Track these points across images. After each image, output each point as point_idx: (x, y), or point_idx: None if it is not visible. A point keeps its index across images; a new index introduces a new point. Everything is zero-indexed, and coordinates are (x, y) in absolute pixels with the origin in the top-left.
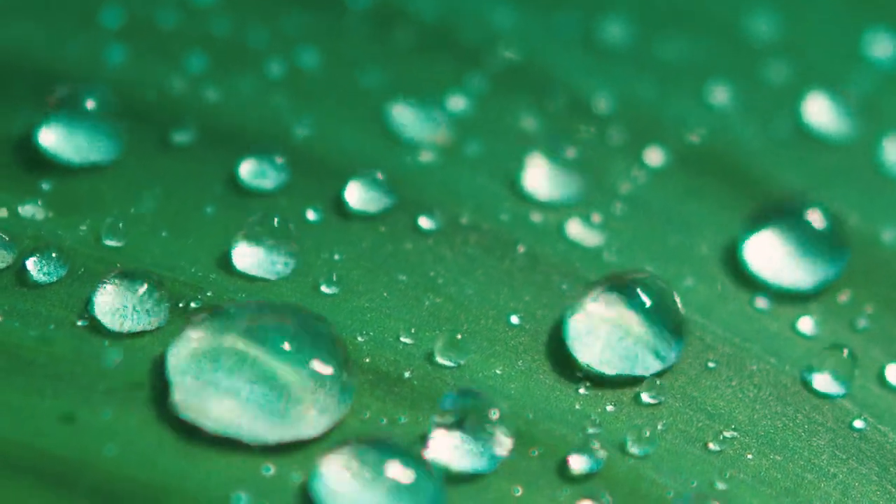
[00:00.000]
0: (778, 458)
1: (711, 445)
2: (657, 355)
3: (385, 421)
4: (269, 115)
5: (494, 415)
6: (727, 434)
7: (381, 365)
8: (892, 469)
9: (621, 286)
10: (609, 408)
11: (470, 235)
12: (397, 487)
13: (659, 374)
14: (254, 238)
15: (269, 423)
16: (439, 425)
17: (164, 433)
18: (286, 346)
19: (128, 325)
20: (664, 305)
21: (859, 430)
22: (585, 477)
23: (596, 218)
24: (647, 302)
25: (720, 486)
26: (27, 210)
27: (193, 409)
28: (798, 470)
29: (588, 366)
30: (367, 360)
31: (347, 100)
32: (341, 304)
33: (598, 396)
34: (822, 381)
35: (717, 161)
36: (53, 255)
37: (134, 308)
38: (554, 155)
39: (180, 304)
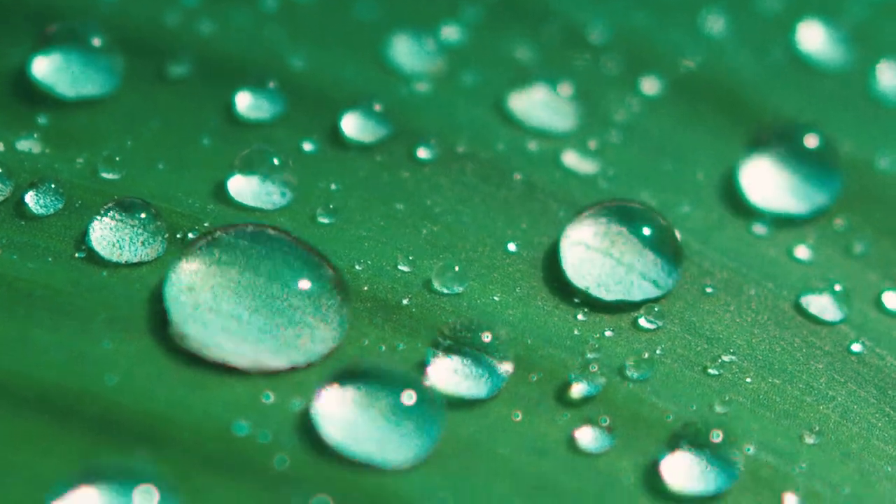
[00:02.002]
0: (776, 381)
1: (710, 369)
2: (654, 281)
3: (384, 348)
4: (265, 47)
5: (487, 337)
6: (726, 358)
7: (380, 293)
8: (890, 392)
9: (617, 212)
10: (608, 333)
11: (466, 164)
12: (396, 413)
13: (657, 300)
14: (250, 169)
15: (268, 350)
16: (438, 352)
17: (163, 362)
18: (282, 272)
19: (125, 257)
20: (661, 231)
21: (857, 354)
22: (585, 401)
23: (592, 146)
24: (644, 227)
25: (719, 409)
26: (24, 144)
27: (191, 338)
28: (797, 393)
29: (586, 290)
30: (366, 289)
31: (343, 31)
32: (339, 234)
33: (597, 322)
34: (820, 306)
35: (712, 89)
36: (52, 186)
37: (131, 239)
38: (549, 84)
39: (178, 236)
